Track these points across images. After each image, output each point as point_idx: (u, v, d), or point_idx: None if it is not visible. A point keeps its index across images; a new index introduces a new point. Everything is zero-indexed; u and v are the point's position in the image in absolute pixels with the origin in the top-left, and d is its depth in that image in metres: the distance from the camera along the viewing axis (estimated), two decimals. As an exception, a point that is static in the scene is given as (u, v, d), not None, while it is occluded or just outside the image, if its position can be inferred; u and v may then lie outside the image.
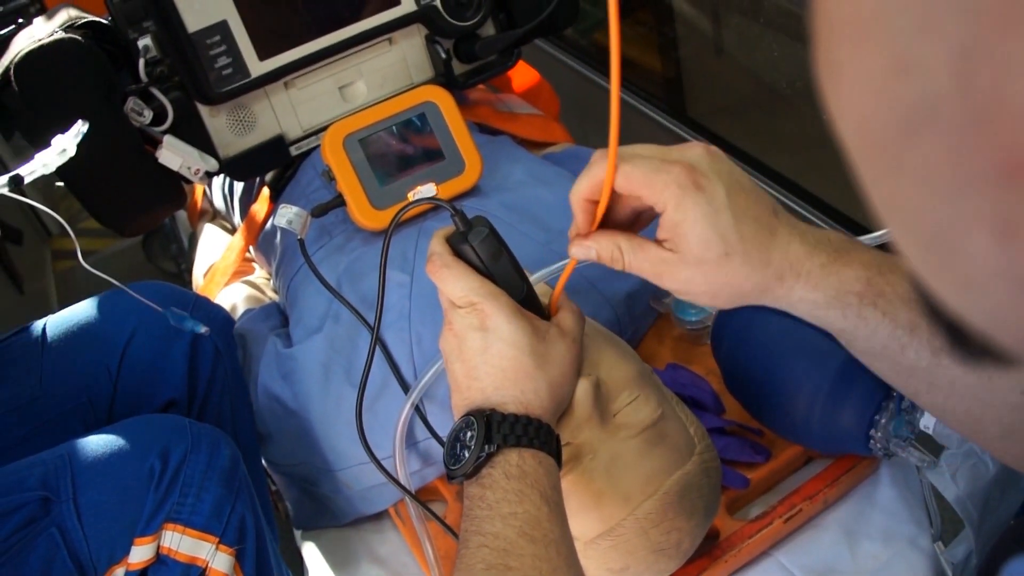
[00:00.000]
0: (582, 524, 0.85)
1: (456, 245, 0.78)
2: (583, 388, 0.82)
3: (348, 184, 1.20)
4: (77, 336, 1.19)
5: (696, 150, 0.69)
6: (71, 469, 0.99)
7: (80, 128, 1.04)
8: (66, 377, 1.16)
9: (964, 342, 0.27)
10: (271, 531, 1.21)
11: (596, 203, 0.72)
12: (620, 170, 0.68)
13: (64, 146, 1.03)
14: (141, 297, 1.14)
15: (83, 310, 1.23)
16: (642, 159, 0.68)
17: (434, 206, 1.22)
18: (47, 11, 1.39)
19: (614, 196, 0.70)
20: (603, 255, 0.73)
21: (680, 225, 0.67)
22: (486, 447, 0.72)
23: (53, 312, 1.26)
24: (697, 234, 0.66)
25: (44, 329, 1.20)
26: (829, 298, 0.68)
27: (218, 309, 1.30)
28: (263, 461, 1.31)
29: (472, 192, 1.25)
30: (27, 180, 1.03)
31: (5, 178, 1.01)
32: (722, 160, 0.69)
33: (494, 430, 0.73)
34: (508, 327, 0.75)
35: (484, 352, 0.76)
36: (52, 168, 1.03)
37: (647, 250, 0.70)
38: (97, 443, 1.02)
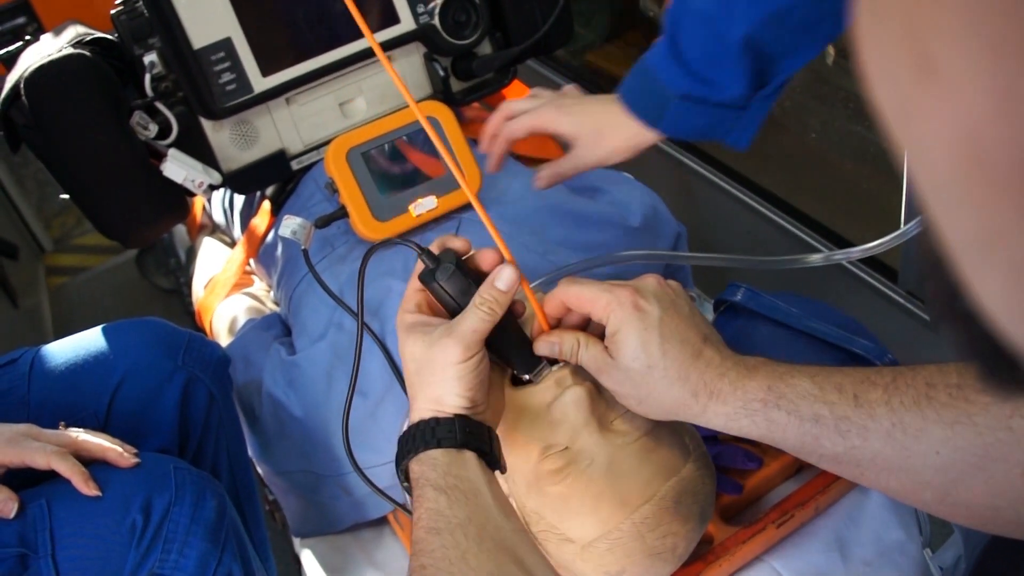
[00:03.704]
0: (580, 527, 0.87)
1: (427, 283, 0.83)
2: (579, 394, 0.85)
3: (351, 196, 1.23)
4: (65, 377, 1.15)
5: (649, 279, 0.82)
6: (49, 523, 0.95)
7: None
8: (53, 418, 1.11)
9: (1001, 371, 0.28)
10: (267, 571, 1.20)
11: (555, 318, 0.86)
12: (573, 291, 0.81)
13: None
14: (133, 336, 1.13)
15: (72, 348, 1.18)
16: (594, 283, 0.81)
17: (433, 218, 1.25)
18: (44, 30, 1.41)
19: (566, 312, 0.85)
20: (564, 349, 0.83)
21: (615, 335, 0.78)
22: (403, 483, 0.80)
23: (47, 327, 1.24)
24: (627, 346, 0.78)
25: (32, 364, 1.16)
26: (737, 409, 0.76)
27: (213, 349, 1.26)
28: (261, 470, 1.32)
29: (472, 205, 1.27)
30: None
31: None
32: (668, 289, 0.82)
33: (399, 463, 0.80)
34: (404, 341, 0.82)
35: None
36: None
37: (596, 350, 0.81)
38: (77, 491, 0.97)
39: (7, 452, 0.99)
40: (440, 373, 0.78)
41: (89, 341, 1.19)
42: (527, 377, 0.86)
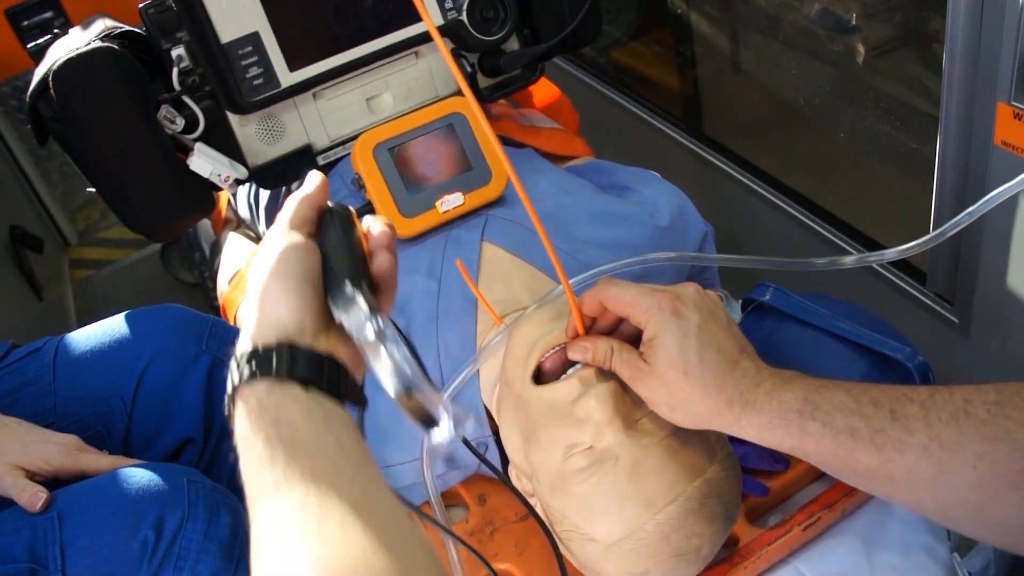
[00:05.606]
0: (604, 527, 0.86)
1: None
2: (604, 392, 0.84)
3: (377, 192, 1.22)
4: (90, 363, 1.16)
5: (689, 288, 0.82)
6: (60, 537, 0.95)
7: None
8: (80, 404, 1.14)
9: None
10: None
11: (590, 317, 0.86)
12: (613, 292, 0.81)
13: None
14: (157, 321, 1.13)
15: (96, 335, 1.19)
16: (633, 286, 0.81)
17: (460, 214, 1.25)
18: (71, 24, 1.42)
19: (602, 312, 0.85)
20: (597, 356, 0.84)
21: (653, 340, 0.79)
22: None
23: (71, 319, 1.24)
24: (665, 351, 0.78)
25: (57, 351, 1.17)
26: (772, 419, 0.76)
27: (236, 333, 1.25)
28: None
29: (498, 202, 1.27)
30: None
31: None
32: (707, 298, 0.82)
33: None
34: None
35: None
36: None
37: (630, 356, 0.82)
38: (88, 505, 0.97)
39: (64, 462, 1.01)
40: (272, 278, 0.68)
41: (113, 328, 1.20)
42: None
